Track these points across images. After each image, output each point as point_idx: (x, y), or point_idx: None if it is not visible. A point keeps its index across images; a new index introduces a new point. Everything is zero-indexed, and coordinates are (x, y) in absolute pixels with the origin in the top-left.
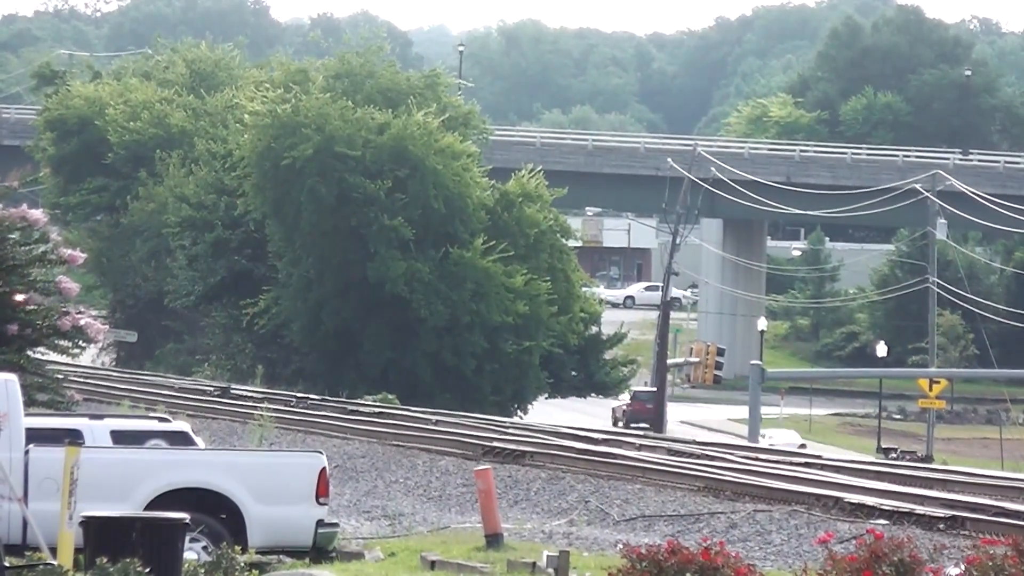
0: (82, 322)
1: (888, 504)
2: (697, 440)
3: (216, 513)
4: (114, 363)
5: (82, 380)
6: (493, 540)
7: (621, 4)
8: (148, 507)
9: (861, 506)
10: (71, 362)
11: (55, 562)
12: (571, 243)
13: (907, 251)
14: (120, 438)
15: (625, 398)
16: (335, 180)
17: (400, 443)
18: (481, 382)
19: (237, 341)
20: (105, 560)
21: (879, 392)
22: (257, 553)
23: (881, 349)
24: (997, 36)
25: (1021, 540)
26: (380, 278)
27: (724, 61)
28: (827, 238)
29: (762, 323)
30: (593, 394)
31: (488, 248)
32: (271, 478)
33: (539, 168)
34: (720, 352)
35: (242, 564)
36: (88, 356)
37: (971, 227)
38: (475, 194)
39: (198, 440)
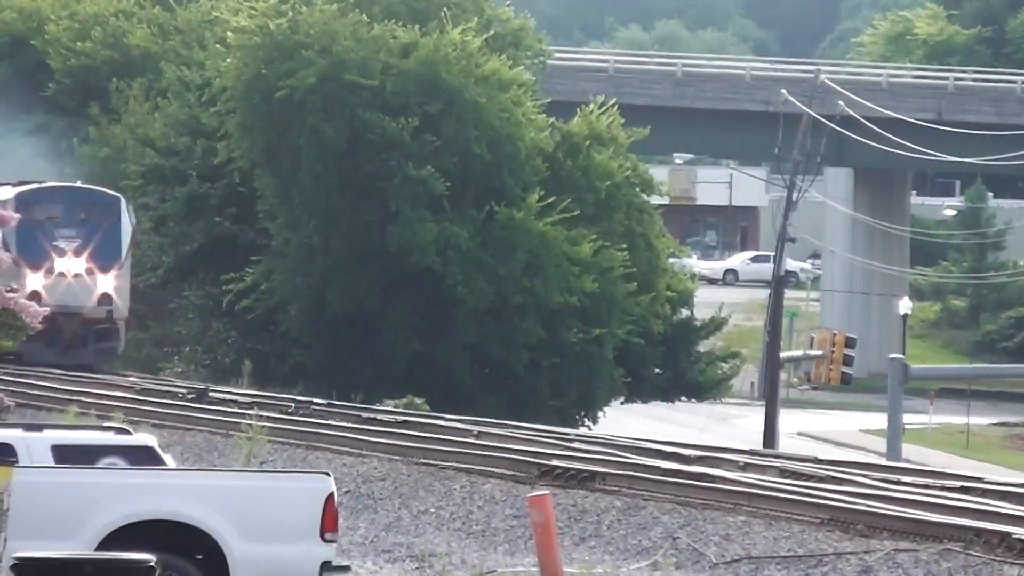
0: (15, 303)
1: None
2: (819, 458)
3: (191, 553)
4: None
5: (14, 379)
6: None
7: None
8: (102, 545)
9: None
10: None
11: None
12: (655, 200)
13: None
14: (65, 455)
15: None
16: (345, 118)
17: (431, 461)
18: (537, 382)
19: (218, 329)
20: None
21: None
22: None
23: None
24: None
25: None
26: (404, 246)
27: None
28: (990, 193)
29: (905, 305)
30: (683, 397)
31: (546, 207)
32: (262, 508)
33: (613, 102)
34: (850, 343)
35: None
36: None
37: None
38: (529, 136)
39: (167, 458)
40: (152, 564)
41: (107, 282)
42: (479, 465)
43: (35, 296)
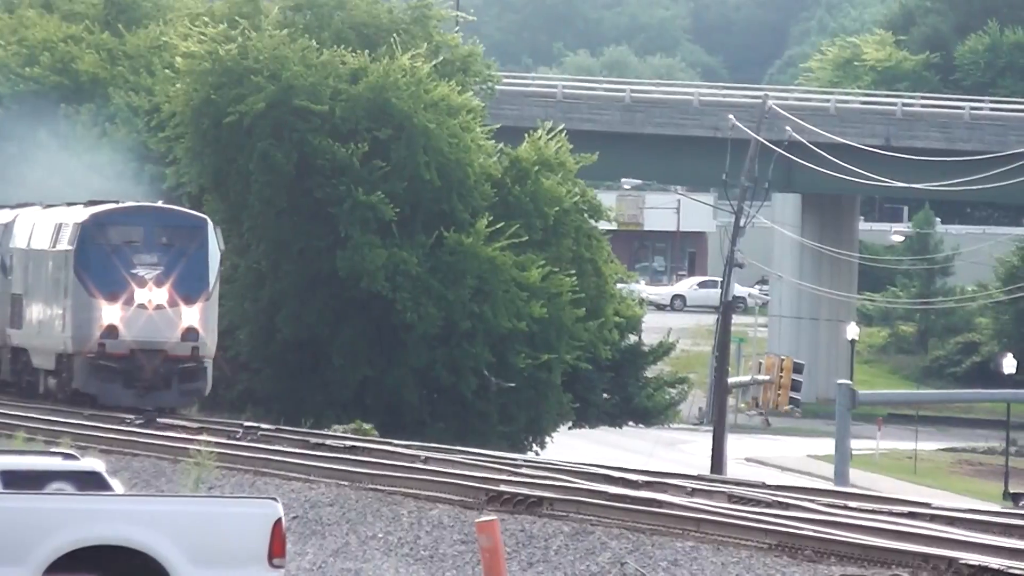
0: None
1: (1018, 567)
2: (767, 483)
3: None
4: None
5: None
6: None
7: None
8: (49, 571)
9: (983, 569)
10: None
11: None
12: (603, 226)
13: None
14: (12, 481)
15: None
16: (294, 143)
17: (379, 487)
18: (486, 407)
19: None
20: None
21: (1006, 421)
22: None
23: (1009, 364)
24: None
25: None
26: (354, 271)
27: None
28: (938, 219)
29: (853, 330)
30: (631, 423)
31: (495, 232)
32: (210, 533)
33: (561, 127)
34: (798, 368)
35: None
36: None
37: None
38: (478, 161)
39: (115, 484)
40: None
41: (193, 315)
42: (427, 491)
43: (112, 331)
